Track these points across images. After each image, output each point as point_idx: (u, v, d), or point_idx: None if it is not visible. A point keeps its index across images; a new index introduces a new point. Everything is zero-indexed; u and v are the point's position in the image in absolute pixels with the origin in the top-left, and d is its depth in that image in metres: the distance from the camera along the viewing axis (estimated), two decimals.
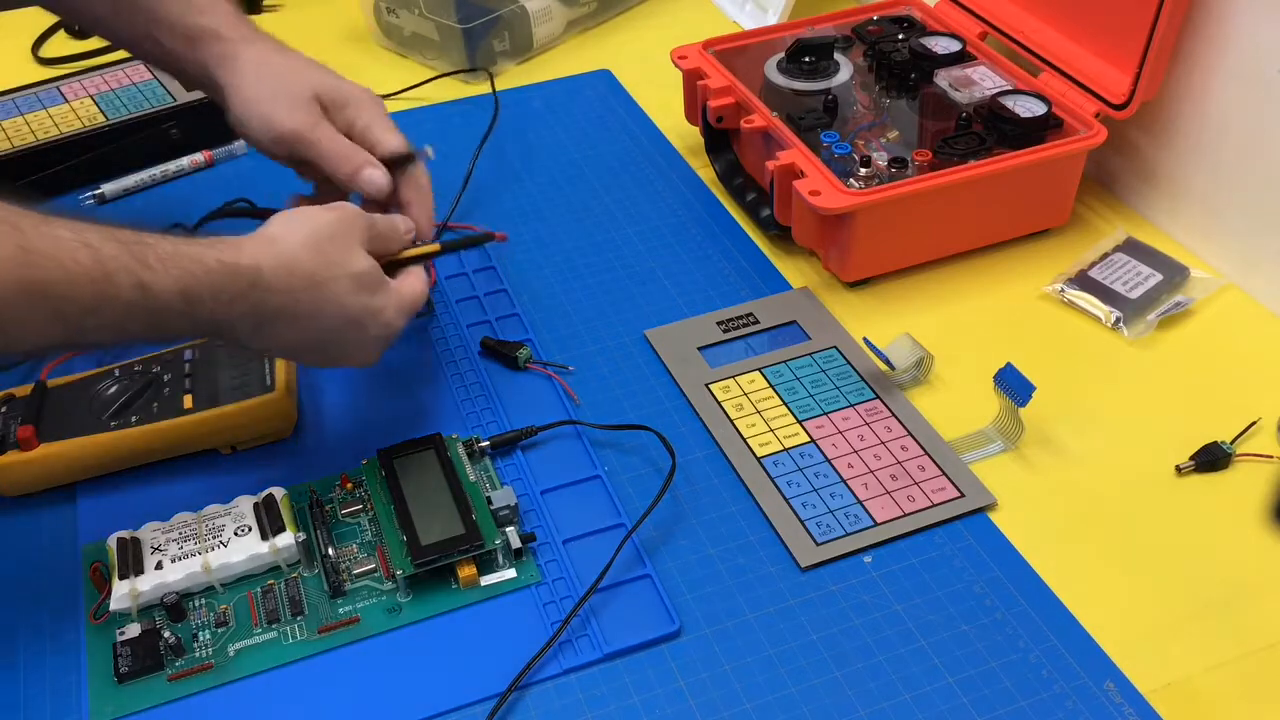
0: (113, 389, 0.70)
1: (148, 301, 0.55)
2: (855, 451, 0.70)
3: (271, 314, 0.60)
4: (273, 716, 0.58)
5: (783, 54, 0.94)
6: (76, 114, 0.98)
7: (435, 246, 0.71)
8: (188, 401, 0.70)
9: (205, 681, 0.60)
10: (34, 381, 0.71)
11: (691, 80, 0.93)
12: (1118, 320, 0.79)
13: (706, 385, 0.75)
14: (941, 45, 0.93)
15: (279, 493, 0.66)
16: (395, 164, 0.73)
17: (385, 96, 1.07)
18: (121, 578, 0.62)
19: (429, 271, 0.72)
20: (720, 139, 0.94)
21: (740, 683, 0.59)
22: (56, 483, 0.69)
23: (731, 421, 0.73)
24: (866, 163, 0.81)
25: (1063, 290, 0.81)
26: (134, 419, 0.69)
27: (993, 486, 0.68)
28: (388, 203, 0.73)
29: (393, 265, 0.67)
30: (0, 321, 0.51)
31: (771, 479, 0.69)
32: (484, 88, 1.07)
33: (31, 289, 0.51)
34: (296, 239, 0.61)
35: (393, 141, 0.73)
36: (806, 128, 0.85)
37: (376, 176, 0.71)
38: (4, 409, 0.70)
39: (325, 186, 0.75)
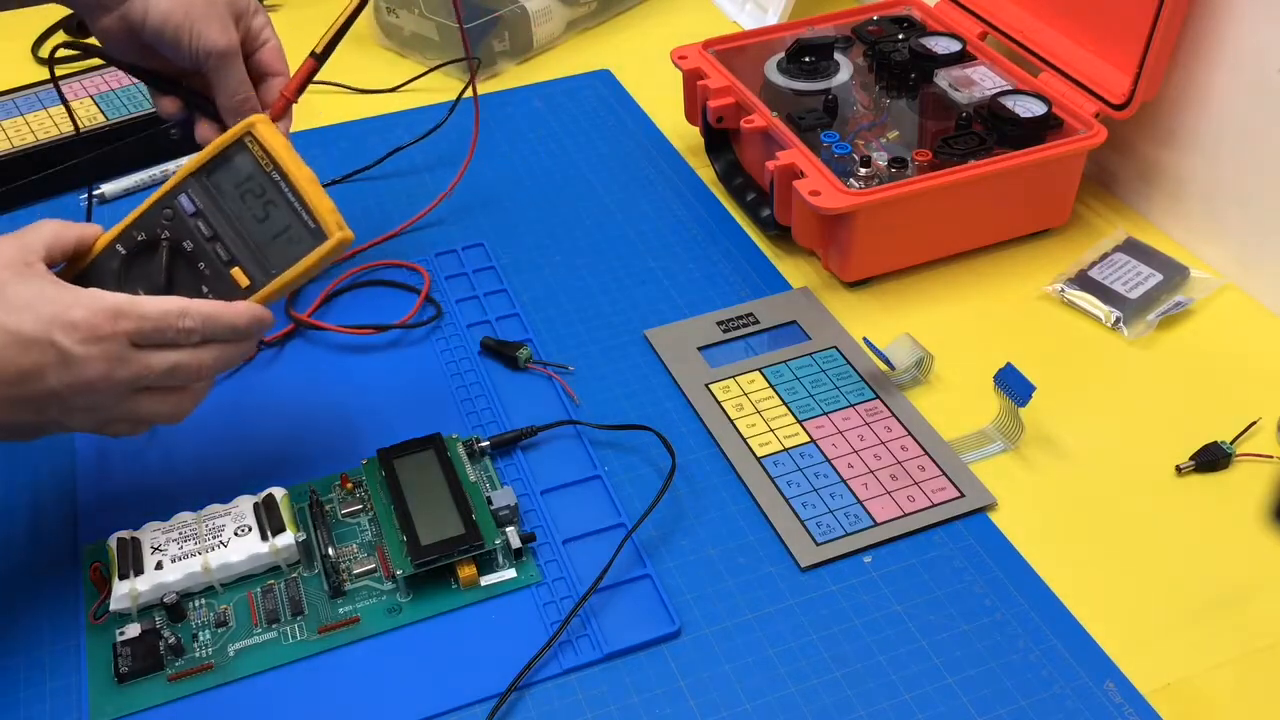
0: (141, 273, 0.63)
1: None
2: (855, 451, 0.70)
3: None
4: (273, 716, 0.58)
5: (783, 54, 0.94)
6: (77, 114, 0.98)
7: (308, 62, 0.71)
8: (240, 277, 0.63)
9: (205, 681, 0.60)
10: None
11: (691, 80, 0.93)
12: (1118, 320, 0.79)
13: (706, 385, 0.75)
14: (941, 45, 0.93)
15: (279, 493, 0.66)
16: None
17: (382, 92, 1.08)
18: (121, 578, 0.62)
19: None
20: (720, 139, 0.94)
21: (740, 683, 0.59)
22: None
23: (731, 421, 0.73)
24: (866, 163, 0.81)
25: (1063, 290, 0.81)
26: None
27: (993, 486, 0.68)
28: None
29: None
30: None
31: (771, 479, 0.69)
32: (482, 88, 1.08)
33: None
34: None
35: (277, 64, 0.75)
36: (806, 128, 0.85)
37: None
38: None
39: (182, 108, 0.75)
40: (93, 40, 0.74)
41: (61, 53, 0.82)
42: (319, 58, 0.74)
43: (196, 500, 0.67)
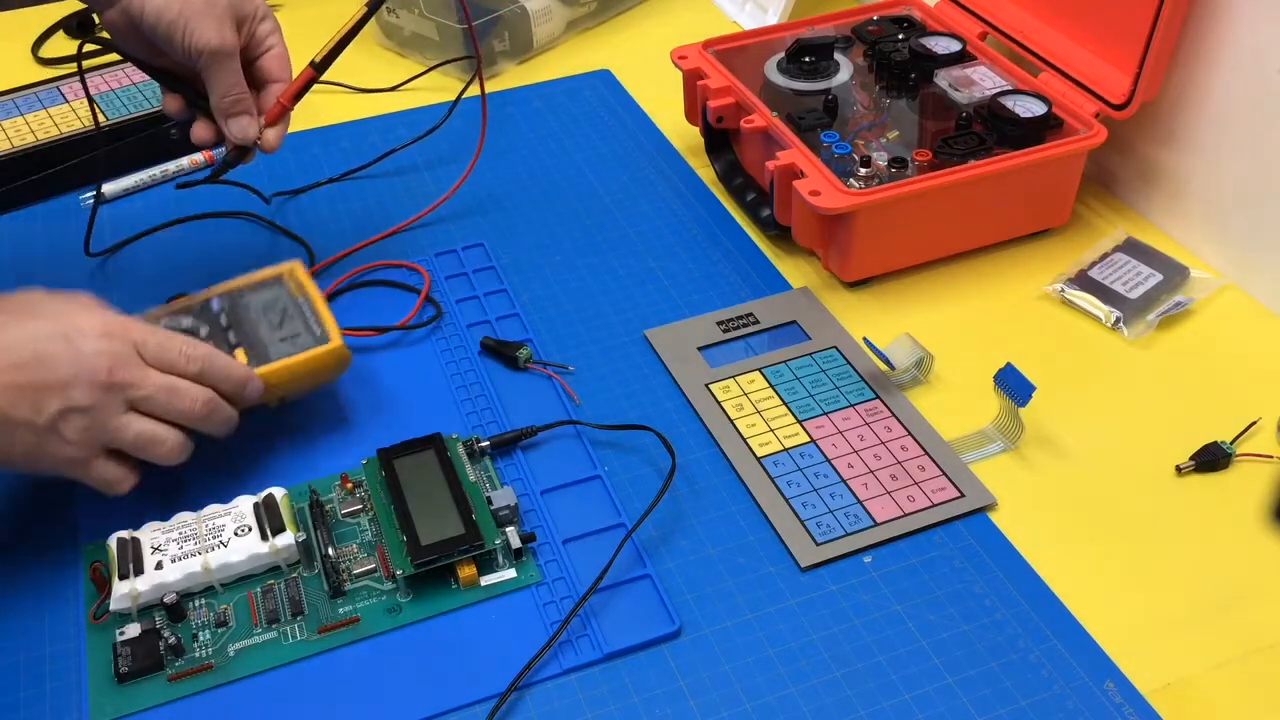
0: None
1: None
2: (855, 451, 0.71)
3: None
4: (273, 716, 0.58)
5: (783, 54, 0.94)
6: (76, 114, 0.98)
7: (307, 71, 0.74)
8: (240, 357, 0.69)
9: (205, 681, 0.60)
10: None
11: (691, 80, 0.93)
12: (1118, 320, 0.79)
13: (706, 385, 0.75)
14: (941, 45, 0.93)
15: (279, 493, 0.66)
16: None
17: (382, 91, 1.08)
18: (121, 578, 0.62)
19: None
20: (720, 139, 0.95)
21: (740, 683, 0.59)
22: None
23: (731, 421, 0.73)
24: (866, 163, 0.81)
25: (1063, 290, 0.81)
26: None
27: (993, 486, 0.68)
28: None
29: None
30: None
31: (771, 479, 0.69)
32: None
33: None
34: None
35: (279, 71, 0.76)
36: (806, 128, 0.85)
37: (247, 127, 0.74)
38: None
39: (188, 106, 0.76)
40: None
41: (88, 48, 0.83)
42: (318, 67, 0.74)
43: (196, 500, 0.67)
